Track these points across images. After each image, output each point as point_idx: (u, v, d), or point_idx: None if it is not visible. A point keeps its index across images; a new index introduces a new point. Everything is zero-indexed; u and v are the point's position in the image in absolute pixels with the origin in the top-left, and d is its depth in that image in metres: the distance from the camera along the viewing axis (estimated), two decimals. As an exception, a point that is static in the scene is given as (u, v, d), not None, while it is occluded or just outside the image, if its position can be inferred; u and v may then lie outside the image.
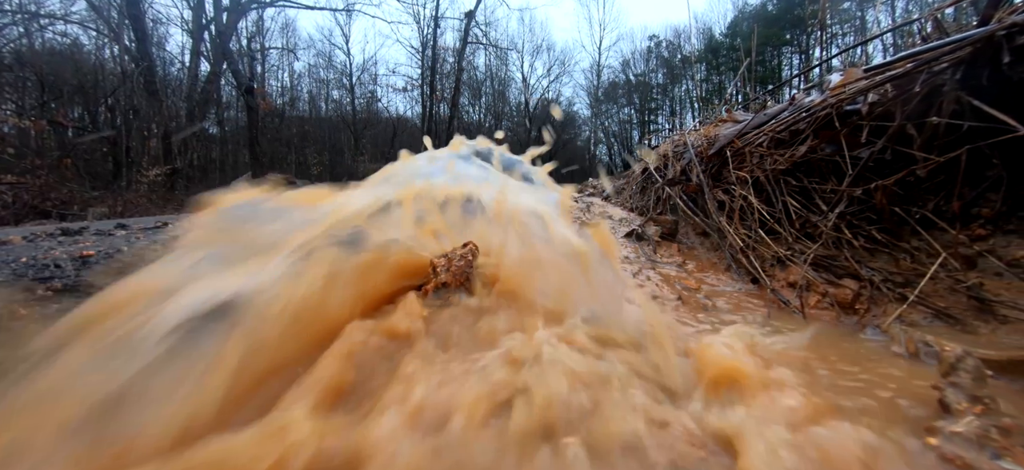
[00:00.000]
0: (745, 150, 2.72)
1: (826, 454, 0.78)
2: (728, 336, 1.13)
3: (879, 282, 1.70)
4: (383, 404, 0.81)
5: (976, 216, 1.78)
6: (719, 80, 27.70)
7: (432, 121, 22.67)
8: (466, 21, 22.45)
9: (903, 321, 1.51)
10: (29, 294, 1.39)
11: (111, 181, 13.09)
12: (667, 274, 2.31)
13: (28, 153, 11.47)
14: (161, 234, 2.57)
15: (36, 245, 2.10)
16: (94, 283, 1.60)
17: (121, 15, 14.14)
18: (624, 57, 33.00)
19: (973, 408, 0.86)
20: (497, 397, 0.84)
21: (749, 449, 0.76)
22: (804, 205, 2.25)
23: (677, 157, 3.71)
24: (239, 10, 17.30)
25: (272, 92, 24.21)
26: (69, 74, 14.03)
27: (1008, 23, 1.56)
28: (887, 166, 1.97)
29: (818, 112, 2.31)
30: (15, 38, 13.39)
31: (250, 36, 21.97)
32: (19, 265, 1.56)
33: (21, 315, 1.29)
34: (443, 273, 1.32)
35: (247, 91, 16.15)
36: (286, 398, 0.81)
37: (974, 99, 1.66)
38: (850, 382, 1.06)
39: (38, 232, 2.80)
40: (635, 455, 0.76)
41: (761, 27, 24.11)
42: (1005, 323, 1.39)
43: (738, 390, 0.91)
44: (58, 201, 9.79)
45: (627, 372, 0.95)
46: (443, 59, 24.71)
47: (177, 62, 19.47)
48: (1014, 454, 0.78)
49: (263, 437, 0.70)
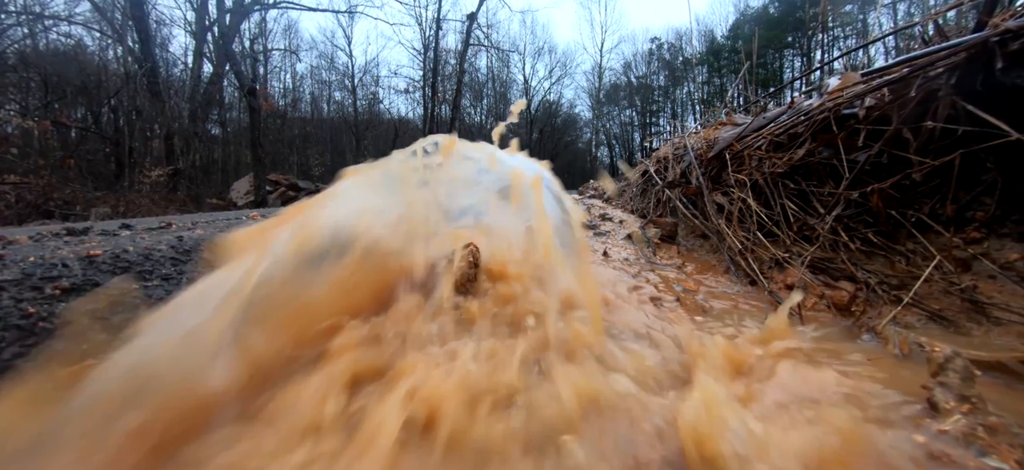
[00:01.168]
0: (744, 153, 2.75)
1: (816, 449, 0.80)
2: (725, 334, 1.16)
3: (875, 284, 1.72)
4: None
5: (971, 219, 1.80)
6: (721, 82, 27.73)
7: (434, 122, 22.72)
8: (468, 23, 22.53)
9: (898, 323, 1.53)
10: (38, 293, 1.42)
11: (113, 181, 13.14)
12: (666, 276, 2.33)
13: (31, 153, 11.53)
14: (165, 234, 2.59)
15: (42, 245, 2.13)
16: (100, 283, 1.62)
17: (125, 16, 14.22)
18: (626, 59, 33.10)
19: (961, 407, 0.88)
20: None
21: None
22: (802, 208, 2.27)
23: (677, 159, 3.73)
24: (242, 12, 17.38)
25: (274, 93, 24.30)
26: (73, 75, 14.10)
27: (1002, 30, 1.59)
28: (883, 169, 1.99)
29: (816, 116, 2.33)
30: (19, 39, 13.49)
31: (253, 37, 22.08)
32: (27, 264, 1.59)
33: (30, 313, 1.31)
34: (445, 274, 1.34)
35: (249, 92, 16.21)
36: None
37: (969, 104, 1.68)
38: (842, 381, 1.08)
39: (44, 232, 2.83)
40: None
41: (763, 30, 24.16)
42: (998, 325, 1.41)
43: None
44: (61, 201, 9.85)
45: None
46: (445, 61, 24.78)
47: (180, 63, 19.59)
48: (1000, 451, 0.80)
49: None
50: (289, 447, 0.78)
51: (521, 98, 21.91)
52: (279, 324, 1.00)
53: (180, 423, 0.81)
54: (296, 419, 0.83)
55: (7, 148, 10.95)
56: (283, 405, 0.86)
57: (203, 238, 2.36)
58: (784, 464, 0.77)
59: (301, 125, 25.09)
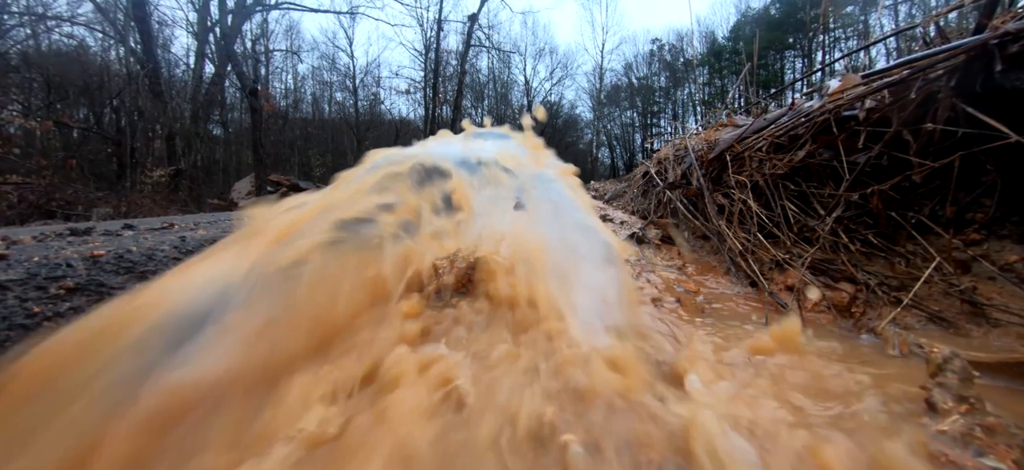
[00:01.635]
0: (745, 154, 2.75)
1: (811, 449, 0.81)
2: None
3: (875, 286, 1.72)
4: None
5: (970, 221, 1.80)
6: (722, 83, 27.73)
7: (435, 123, 22.75)
8: (469, 24, 22.57)
9: (897, 324, 1.53)
10: (42, 292, 1.43)
11: (115, 182, 13.17)
12: (667, 277, 2.34)
13: (34, 153, 11.56)
14: (168, 234, 2.61)
15: (46, 245, 2.14)
16: (104, 282, 1.63)
17: (127, 17, 14.27)
18: (627, 60, 33.09)
19: (959, 407, 0.89)
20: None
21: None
22: (802, 209, 2.27)
23: (678, 161, 3.74)
24: (244, 13, 17.43)
25: (276, 94, 24.35)
26: (75, 75, 14.15)
27: (1001, 32, 1.59)
28: (883, 171, 1.99)
29: (816, 117, 2.33)
30: (22, 40, 13.54)
31: (254, 38, 22.13)
32: (32, 264, 1.60)
33: (36, 312, 1.32)
34: (445, 275, 1.35)
35: (251, 93, 16.24)
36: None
37: (968, 106, 1.68)
38: (841, 381, 1.09)
39: (47, 232, 2.85)
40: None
41: (764, 31, 24.17)
42: (997, 326, 1.41)
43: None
44: (63, 201, 9.87)
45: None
46: (446, 62, 24.80)
47: (182, 64, 19.64)
48: (997, 451, 0.81)
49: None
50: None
51: (522, 100, 21.83)
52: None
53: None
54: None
55: (10, 148, 10.98)
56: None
57: (206, 239, 2.38)
58: (781, 463, 0.78)
59: (302, 126, 25.14)
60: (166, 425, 0.80)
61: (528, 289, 1.24)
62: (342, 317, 1.10)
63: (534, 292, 1.23)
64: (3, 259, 1.66)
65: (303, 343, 0.99)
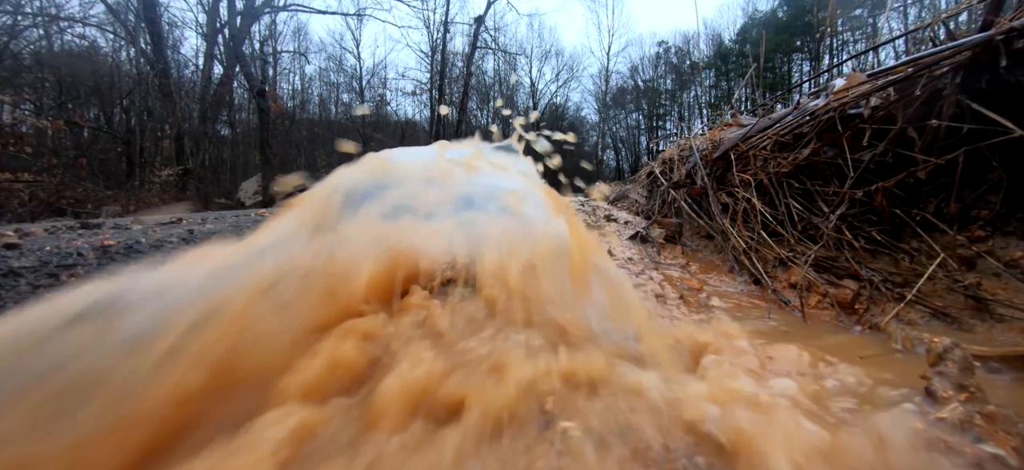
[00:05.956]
0: (749, 153, 2.75)
1: (815, 438, 0.81)
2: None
3: (879, 282, 1.72)
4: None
5: (975, 218, 1.79)
6: (728, 86, 27.60)
7: (440, 125, 22.82)
8: (476, 26, 22.64)
9: (901, 320, 1.53)
10: (54, 280, 1.46)
11: (124, 181, 13.30)
12: (670, 275, 2.34)
13: (45, 152, 11.70)
14: (176, 228, 2.64)
15: (58, 237, 2.17)
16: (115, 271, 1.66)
17: (137, 18, 14.43)
18: (633, 63, 32.98)
19: (959, 396, 0.89)
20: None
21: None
22: (806, 207, 2.27)
23: (682, 161, 3.74)
24: (252, 14, 17.58)
25: (283, 95, 24.51)
26: (86, 75, 14.32)
27: (1006, 28, 1.59)
28: (888, 168, 1.99)
29: (821, 116, 2.33)
30: (35, 40, 13.71)
31: (263, 40, 22.32)
32: (44, 253, 1.63)
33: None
34: (449, 270, 1.36)
35: (259, 94, 16.37)
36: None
37: (973, 102, 1.68)
38: (843, 373, 1.09)
39: (59, 225, 2.89)
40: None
41: (771, 34, 24.05)
42: (1001, 321, 1.41)
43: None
44: (73, 199, 9.99)
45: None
46: (452, 63, 24.88)
47: (191, 65, 19.82)
48: (996, 438, 0.81)
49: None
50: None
51: (527, 102, 21.83)
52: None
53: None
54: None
55: (21, 147, 11.12)
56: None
57: (213, 231, 2.41)
58: (784, 452, 0.79)
59: (309, 126, 25.28)
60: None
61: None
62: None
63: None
64: (16, 248, 1.69)
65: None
